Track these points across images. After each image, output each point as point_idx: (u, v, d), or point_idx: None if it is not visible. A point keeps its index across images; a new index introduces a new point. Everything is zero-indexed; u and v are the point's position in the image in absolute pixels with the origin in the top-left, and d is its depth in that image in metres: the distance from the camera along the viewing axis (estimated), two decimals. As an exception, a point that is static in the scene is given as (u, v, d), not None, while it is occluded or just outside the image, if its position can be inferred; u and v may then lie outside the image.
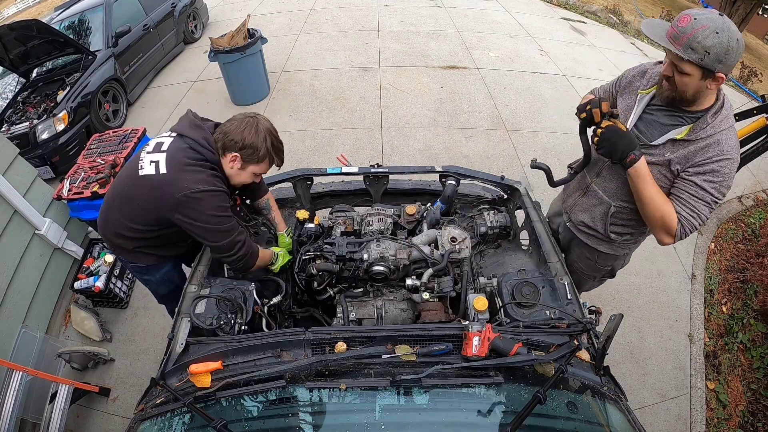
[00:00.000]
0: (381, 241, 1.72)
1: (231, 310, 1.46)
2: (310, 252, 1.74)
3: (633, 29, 7.94)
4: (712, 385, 2.72)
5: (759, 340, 2.97)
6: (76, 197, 2.74)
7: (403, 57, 5.63)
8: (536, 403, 1.01)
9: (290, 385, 1.16)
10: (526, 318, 1.44)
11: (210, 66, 5.03)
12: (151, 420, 1.16)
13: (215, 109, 4.79)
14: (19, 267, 2.58)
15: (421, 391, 1.16)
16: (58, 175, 3.82)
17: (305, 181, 2.09)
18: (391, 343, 1.26)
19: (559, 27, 7.15)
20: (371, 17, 6.73)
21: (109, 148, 3.06)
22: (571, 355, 1.21)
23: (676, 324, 2.98)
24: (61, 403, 2.21)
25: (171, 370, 1.27)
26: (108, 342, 2.77)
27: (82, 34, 4.86)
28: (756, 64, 7.90)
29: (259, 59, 4.62)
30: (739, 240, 3.76)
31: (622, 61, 6.30)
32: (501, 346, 1.19)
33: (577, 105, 1.55)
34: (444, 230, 1.75)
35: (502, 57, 5.81)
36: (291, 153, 4.06)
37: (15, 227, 2.59)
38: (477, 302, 1.46)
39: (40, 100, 4.18)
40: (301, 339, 1.27)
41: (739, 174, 3.66)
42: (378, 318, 1.68)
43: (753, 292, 3.22)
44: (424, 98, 4.84)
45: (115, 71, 4.58)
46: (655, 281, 3.21)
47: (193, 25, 6.40)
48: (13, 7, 13.33)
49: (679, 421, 2.53)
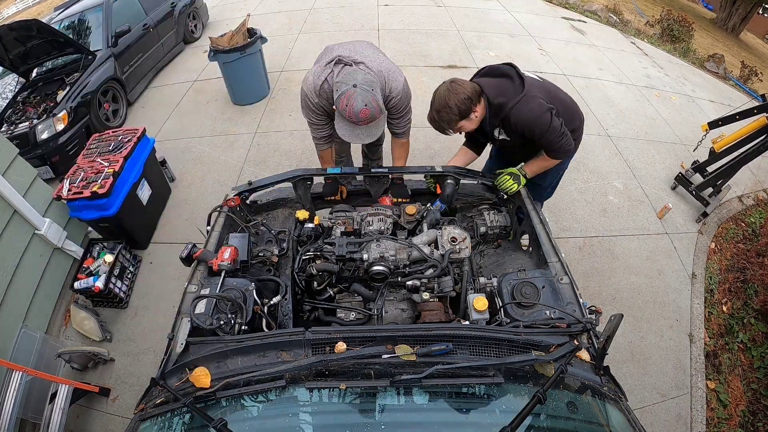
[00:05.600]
0: (381, 241, 1.72)
1: (231, 310, 1.46)
2: (310, 252, 1.74)
3: (633, 29, 7.94)
4: (713, 385, 2.72)
5: (759, 339, 2.97)
6: (76, 197, 2.73)
7: (403, 56, 5.63)
8: (536, 403, 1.01)
9: (290, 385, 1.16)
10: (526, 318, 1.44)
11: (210, 66, 5.02)
12: (151, 420, 1.16)
13: (215, 108, 4.79)
14: (19, 267, 2.58)
15: (421, 391, 1.16)
16: (57, 175, 3.81)
17: (305, 181, 2.09)
18: (391, 343, 1.26)
19: (559, 26, 7.15)
20: (371, 16, 6.72)
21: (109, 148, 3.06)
22: (571, 355, 1.21)
23: (676, 324, 2.98)
24: (61, 403, 2.20)
25: (171, 370, 1.27)
26: (108, 342, 2.77)
27: (81, 33, 4.85)
28: (756, 63, 7.90)
29: (259, 59, 4.62)
30: (739, 239, 3.76)
31: (623, 60, 6.31)
32: None
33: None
34: (444, 230, 1.75)
35: (503, 56, 5.80)
36: (291, 153, 4.07)
37: (15, 227, 2.59)
38: (477, 302, 1.46)
39: (40, 100, 4.17)
40: (301, 339, 1.27)
41: (740, 173, 3.72)
42: (378, 318, 1.68)
43: (753, 292, 3.22)
44: (424, 98, 4.82)
45: (115, 71, 4.58)
46: (656, 281, 3.21)
47: (193, 24, 6.40)
48: (13, 7, 13.34)
49: (679, 420, 2.53)
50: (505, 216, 1.96)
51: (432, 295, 1.65)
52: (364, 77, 1.71)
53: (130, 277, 3.02)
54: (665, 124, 4.91)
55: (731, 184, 3.78)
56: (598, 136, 4.51)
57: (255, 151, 4.14)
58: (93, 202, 2.76)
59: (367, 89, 1.66)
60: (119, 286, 2.87)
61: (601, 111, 4.92)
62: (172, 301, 2.87)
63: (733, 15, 11.71)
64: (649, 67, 6.31)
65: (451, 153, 4.16)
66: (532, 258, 1.81)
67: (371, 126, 1.76)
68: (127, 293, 2.96)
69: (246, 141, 4.27)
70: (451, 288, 1.64)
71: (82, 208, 2.81)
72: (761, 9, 12.83)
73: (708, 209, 3.68)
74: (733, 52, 9.54)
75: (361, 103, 1.64)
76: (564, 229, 3.50)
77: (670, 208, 3.63)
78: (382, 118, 1.80)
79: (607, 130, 4.63)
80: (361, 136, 1.77)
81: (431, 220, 1.89)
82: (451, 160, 2.26)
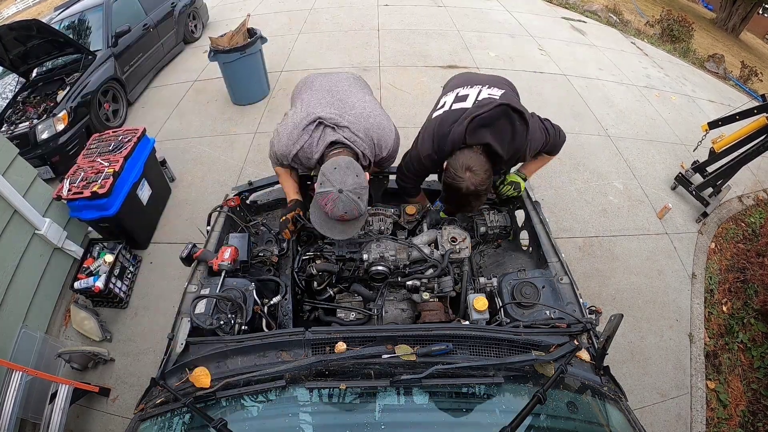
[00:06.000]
0: (381, 241, 1.72)
1: (231, 310, 1.46)
2: (310, 252, 1.74)
3: (633, 29, 7.94)
4: (713, 385, 2.72)
5: (759, 339, 2.97)
6: (76, 197, 2.74)
7: (403, 56, 5.63)
8: (536, 403, 1.01)
9: (290, 385, 1.16)
10: (526, 318, 1.44)
11: (210, 66, 5.02)
12: (151, 420, 1.16)
13: (215, 108, 4.80)
14: (19, 267, 2.58)
15: (421, 391, 1.16)
16: (58, 175, 3.81)
17: (305, 182, 2.09)
18: (391, 343, 1.26)
19: (559, 26, 7.15)
20: (371, 16, 6.72)
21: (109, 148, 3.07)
22: (571, 355, 1.21)
23: (676, 324, 2.98)
24: (61, 403, 2.21)
25: (171, 370, 1.27)
26: (108, 342, 2.77)
27: (81, 33, 4.86)
28: (756, 63, 7.90)
29: (259, 59, 4.62)
30: (739, 239, 3.76)
31: (623, 60, 6.31)
32: None
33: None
34: (444, 230, 1.75)
35: (503, 56, 5.80)
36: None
37: (15, 227, 2.59)
38: (477, 302, 1.46)
39: (40, 100, 4.17)
40: (301, 339, 1.27)
41: (740, 173, 3.72)
42: (378, 318, 1.68)
43: (753, 292, 3.22)
44: (424, 98, 4.83)
45: (115, 71, 4.58)
46: (656, 281, 3.21)
47: (193, 24, 6.40)
48: (13, 7, 13.33)
49: (679, 420, 2.53)
50: (505, 216, 1.96)
51: (432, 295, 1.65)
52: (354, 182, 1.47)
53: (130, 277, 3.02)
54: (665, 124, 4.91)
55: (731, 184, 3.78)
56: (598, 136, 4.51)
57: (255, 151, 4.14)
58: (93, 202, 2.76)
59: (353, 198, 1.47)
60: (119, 286, 2.87)
61: (601, 111, 4.92)
62: (172, 301, 2.87)
63: (733, 15, 11.72)
64: (649, 67, 6.31)
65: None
66: (532, 258, 1.81)
67: (347, 225, 1.57)
68: (127, 293, 2.96)
69: (246, 141, 4.27)
70: (451, 288, 1.64)
71: (82, 208, 2.81)
72: (761, 9, 12.83)
73: (708, 209, 3.68)
74: (733, 52, 9.54)
75: (342, 210, 1.47)
76: (564, 229, 3.50)
77: (670, 208, 3.63)
78: (360, 220, 1.59)
79: (607, 130, 4.63)
80: (334, 231, 1.58)
81: (431, 220, 1.88)
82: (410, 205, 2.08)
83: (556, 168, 3.94)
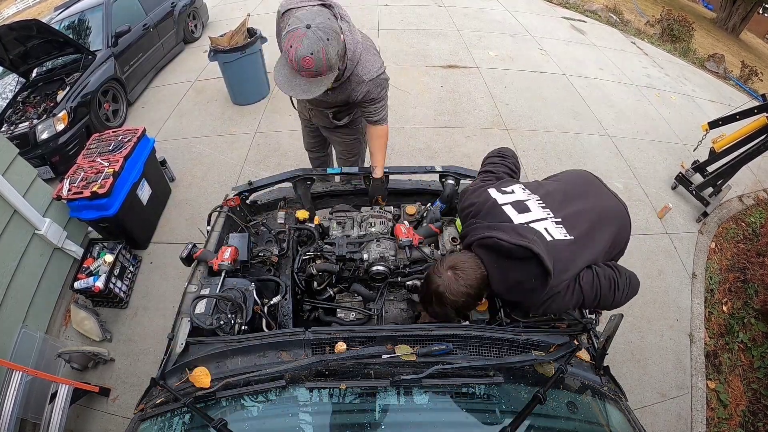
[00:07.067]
0: (381, 241, 1.72)
1: (231, 310, 1.46)
2: (310, 252, 1.74)
3: (633, 28, 7.94)
4: (713, 385, 2.72)
5: (759, 339, 2.97)
6: (76, 197, 2.73)
7: (403, 56, 5.63)
8: (536, 403, 1.01)
9: (290, 385, 1.16)
10: (526, 318, 1.44)
11: (210, 66, 5.02)
12: (151, 420, 1.16)
13: (215, 108, 4.79)
14: (19, 267, 2.58)
15: (421, 391, 1.16)
16: (57, 175, 3.81)
17: (305, 182, 2.09)
18: (391, 343, 1.26)
19: (559, 26, 7.15)
20: (371, 16, 6.72)
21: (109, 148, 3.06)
22: (571, 355, 1.21)
23: (676, 324, 2.98)
24: (61, 403, 2.20)
25: (171, 370, 1.27)
26: (108, 342, 2.77)
27: (81, 33, 4.85)
28: (756, 63, 7.90)
29: (259, 59, 4.62)
30: (739, 239, 3.76)
31: (623, 60, 6.30)
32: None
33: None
34: (444, 230, 1.75)
35: (503, 56, 5.80)
36: (291, 153, 4.06)
37: (15, 227, 2.59)
38: (477, 302, 1.46)
39: (40, 100, 4.17)
40: (301, 339, 1.27)
41: (740, 173, 3.72)
42: (378, 318, 1.68)
43: (753, 292, 3.22)
44: (424, 97, 4.84)
45: (115, 71, 4.58)
46: (656, 281, 3.21)
47: (193, 24, 6.40)
48: (13, 7, 13.33)
49: (679, 420, 2.53)
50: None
51: (432, 295, 1.65)
52: (324, 22, 1.39)
53: (130, 277, 3.02)
54: (665, 123, 4.91)
55: (731, 184, 3.78)
56: (598, 136, 4.51)
57: (255, 151, 4.14)
58: (93, 202, 2.76)
59: (321, 37, 1.37)
60: (119, 286, 2.87)
61: (601, 111, 4.92)
62: (172, 301, 2.87)
63: (733, 15, 11.72)
64: (649, 67, 6.31)
65: (451, 152, 4.17)
66: (532, 258, 1.81)
67: (312, 83, 1.47)
68: (127, 293, 2.96)
69: (246, 141, 4.27)
70: (452, 288, 1.64)
71: (82, 208, 2.81)
72: (761, 9, 12.83)
73: (708, 209, 3.68)
74: (733, 51, 9.53)
75: (307, 50, 1.36)
76: (564, 229, 3.50)
77: (670, 208, 3.63)
78: (327, 78, 1.48)
79: (607, 129, 4.63)
80: (296, 89, 1.48)
81: (431, 220, 1.88)
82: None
83: (556, 168, 3.94)
